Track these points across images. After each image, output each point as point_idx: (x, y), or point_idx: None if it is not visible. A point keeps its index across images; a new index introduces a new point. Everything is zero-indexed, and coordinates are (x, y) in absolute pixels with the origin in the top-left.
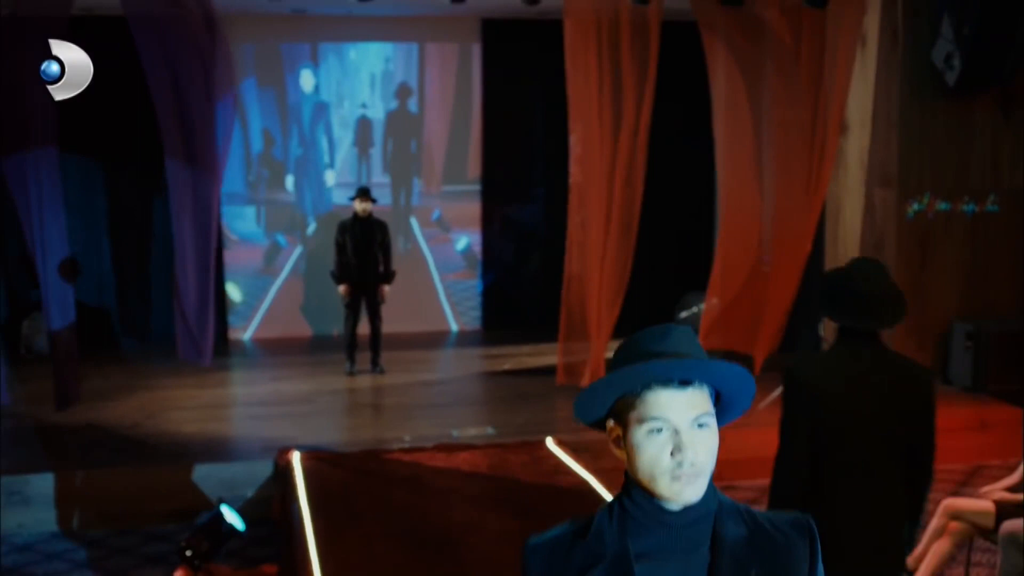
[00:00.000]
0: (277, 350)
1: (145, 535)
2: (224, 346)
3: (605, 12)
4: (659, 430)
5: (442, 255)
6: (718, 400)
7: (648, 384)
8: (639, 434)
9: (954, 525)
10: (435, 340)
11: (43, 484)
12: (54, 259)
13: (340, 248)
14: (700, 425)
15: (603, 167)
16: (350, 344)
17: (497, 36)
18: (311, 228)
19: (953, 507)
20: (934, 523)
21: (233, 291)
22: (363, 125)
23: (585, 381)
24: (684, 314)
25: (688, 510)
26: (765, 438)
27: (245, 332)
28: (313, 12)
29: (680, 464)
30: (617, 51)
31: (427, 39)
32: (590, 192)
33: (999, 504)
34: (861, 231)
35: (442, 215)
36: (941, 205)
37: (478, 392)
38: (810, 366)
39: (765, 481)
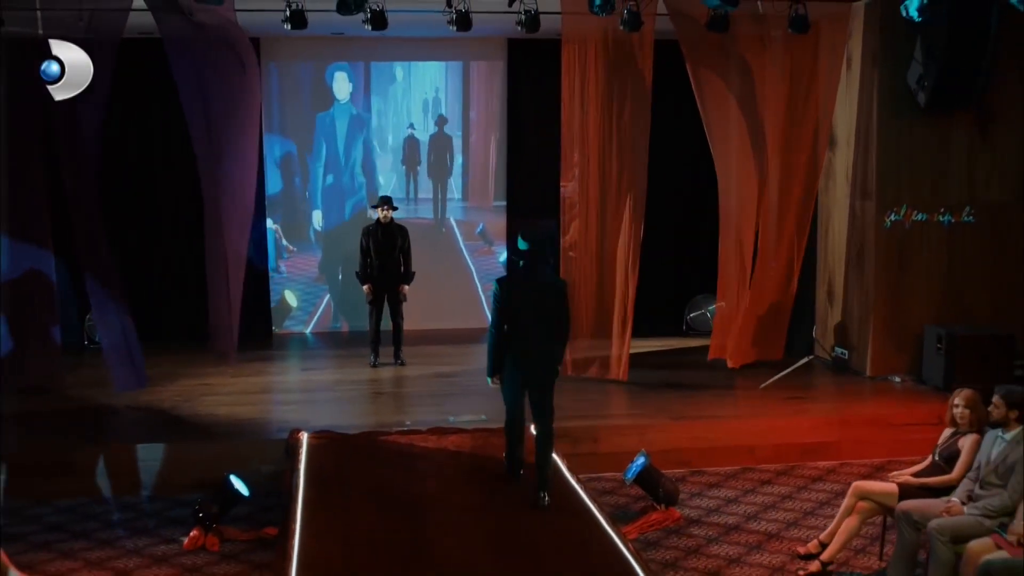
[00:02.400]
0: (317, 345)
1: (171, 501)
2: (269, 341)
3: (600, 37)
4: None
5: (485, 266)
6: None
7: None
8: None
9: (861, 505)
10: (472, 335)
11: (87, 455)
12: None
13: (364, 251)
14: None
15: (599, 180)
16: (374, 339)
17: (523, 54)
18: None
19: (861, 489)
20: (845, 503)
21: (290, 297)
22: (410, 144)
23: (592, 372)
24: (693, 315)
25: None
26: (732, 429)
27: (301, 327)
28: (351, 33)
29: None
30: (612, 71)
31: (458, 58)
32: (587, 203)
33: (902, 486)
34: (847, 239)
35: (485, 228)
36: (918, 216)
37: (485, 383)
38: (506, 279)
39: (731, 468)
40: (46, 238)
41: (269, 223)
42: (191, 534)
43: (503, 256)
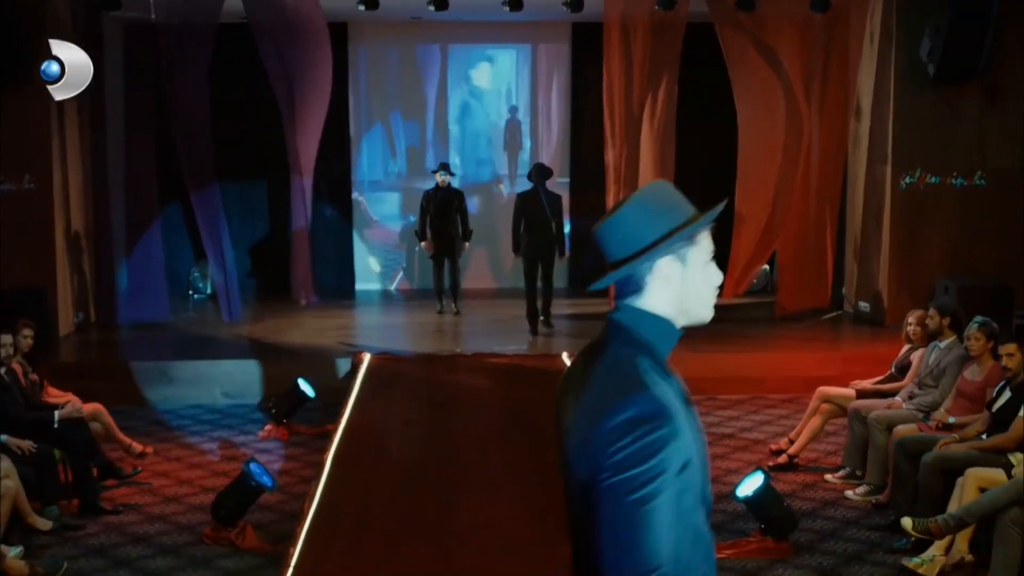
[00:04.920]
0: (393, 299)
1: (253, 407)
2: (352, 295)
3: (637, 18)
4: (714, 259)
5: None
6: None
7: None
8: (703, 265)
9: (824, 407)
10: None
11: (184, 368)
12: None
13: (424, 212)
14: None
15: (634, 148)
16: (438, 290)
17: (587, 38)
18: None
19: (824, 393)
20: (810, 405)
21: (373, 263)
22: (485, 124)
23: None
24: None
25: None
26: (744, 361)
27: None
28: (428, 18)
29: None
30: (647, 49)
31: (526, 41)
32: (623, 170)
33: (859, 391)
34: (864, 200)
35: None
36: (931, 179)
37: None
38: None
39: (741, 396)
40: (156, 201)
41: (355, 195)
42: (266, 427)
43: (567, 227)
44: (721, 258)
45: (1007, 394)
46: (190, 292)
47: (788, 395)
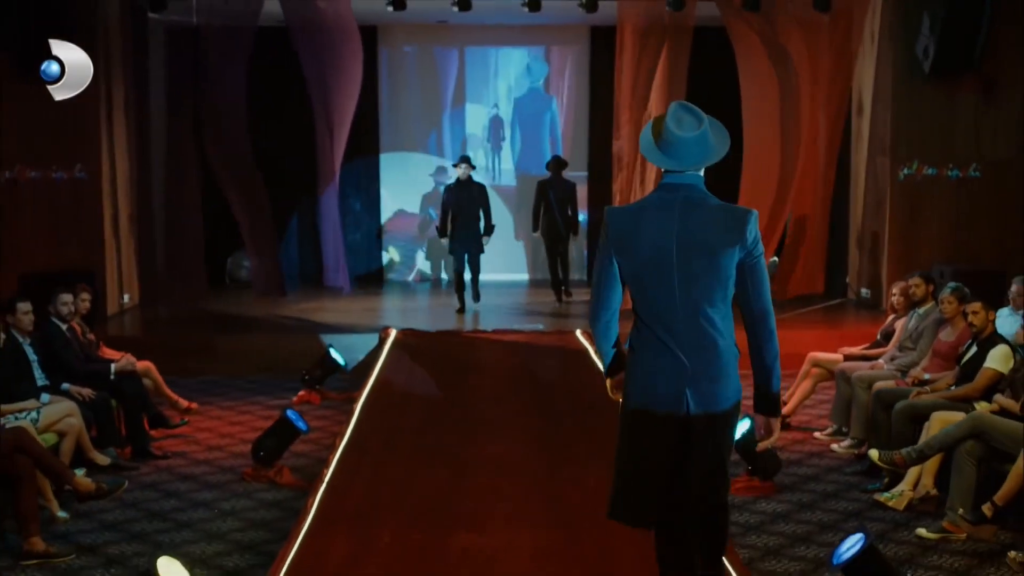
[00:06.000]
0: (419, 288)
1: (287, 378)
2: (380, 285)
3: (648, 20)
4: None
5: None
6: None
7: None
8: None
9: (814, 371)
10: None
11: (225, 341)
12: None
13: (445, 206)
14: None
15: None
16: (458, 286)
17: (604, 41)
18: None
19: (814, 358)
20: (802, 369)
21: (393, 252)
22: (495, 122)
23: None
24: None
25: None
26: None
27: (408, 275)
28: (453, 22)
29: None
30: (657, 47)
31: (549, 43)
32: (628, 159)
33: (846, 356)
34: (865, 191)
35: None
36: (928, 170)
37: (550, 309)
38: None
39: (744, 371)
40: (195, 191)
41: (384, 193)
42: (299, 393)
43: (582, 216)
44: None
45: (974, 349)
46: (227, 280)
47: (788, 371)
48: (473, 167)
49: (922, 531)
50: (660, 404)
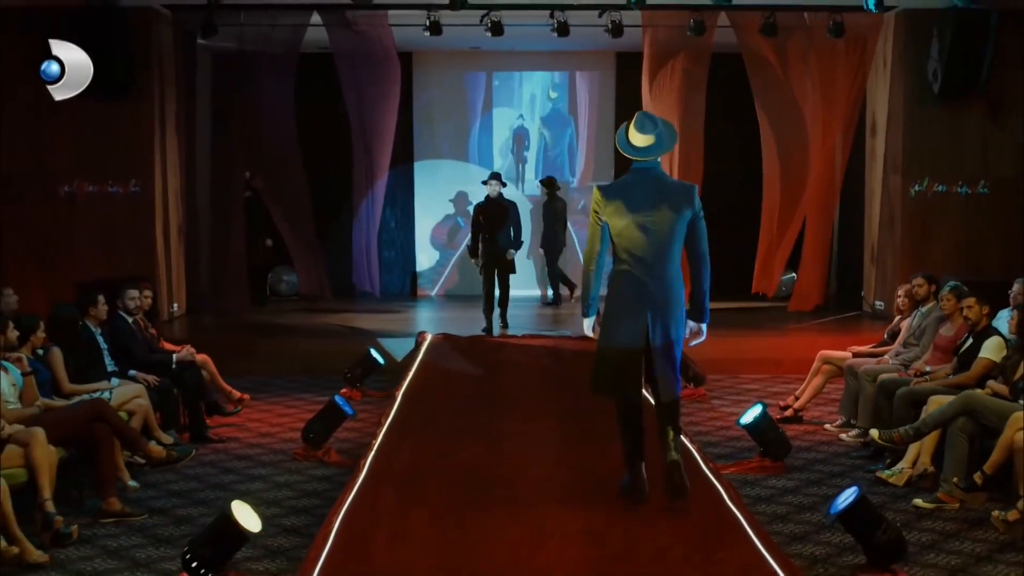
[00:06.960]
0: (451, 299)
1: (330, 378)
2: (413, 297)
3: (672, 47)
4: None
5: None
6: None
7: None
8: None
9: (824, 367)
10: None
11: (269, 345)
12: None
13: (475, 225)
14: None
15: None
16: (487, 308)
17: (628, 66)
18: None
19: (825, 355)
20: (813, 366)
21: (424, 260)
22: (518, 136)
23: None
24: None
25: None
26: (764, 344)
27: (432, 289)
28: (485, 48)
29: None
30: (678, 73)
31: (575, 68)
32: None
33: (855, 353)
34: (879, 207)
35: (587, 205)
36: (939, 187)
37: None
38: None
39: (762, 375)
40: (240, 206)
41: (416, 205)
42: (341, 391)
43: None
44: (747, 259)
45: (970, 341)
46: (268, 294)
47: (803, 375)
48: (504, 184)
49: (919, 501)
50: (632, 314)
